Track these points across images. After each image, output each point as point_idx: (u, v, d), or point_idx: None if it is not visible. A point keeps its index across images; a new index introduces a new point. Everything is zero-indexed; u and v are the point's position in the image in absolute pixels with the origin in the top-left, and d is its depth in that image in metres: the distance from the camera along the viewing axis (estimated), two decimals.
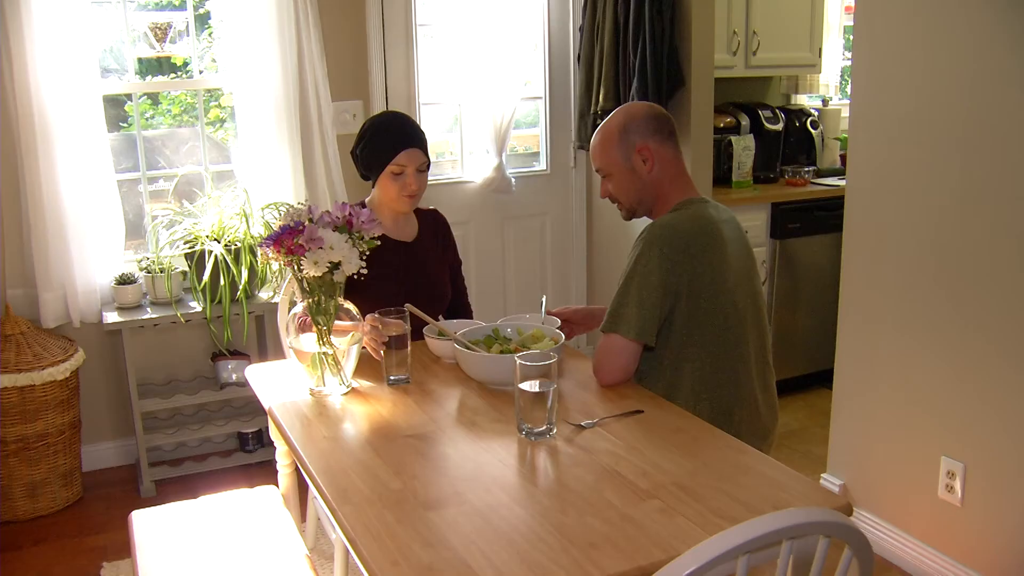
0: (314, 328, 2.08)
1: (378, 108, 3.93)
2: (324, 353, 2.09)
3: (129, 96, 3.70)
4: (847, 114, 3.04)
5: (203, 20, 3.77)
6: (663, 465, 1.70)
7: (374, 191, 2.58)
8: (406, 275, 2.55)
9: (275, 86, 3.60)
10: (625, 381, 2.12)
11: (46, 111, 3.29)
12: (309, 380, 2.15)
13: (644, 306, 2.05)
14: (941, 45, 2.58)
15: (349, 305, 2.14)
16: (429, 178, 4.13)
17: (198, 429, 3.63)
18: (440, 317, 2.47)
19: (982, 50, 2.46)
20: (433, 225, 2.72)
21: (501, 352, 2.15)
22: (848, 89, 3.60)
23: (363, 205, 2.08)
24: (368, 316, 2.21)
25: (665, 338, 2.11)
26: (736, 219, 2.26)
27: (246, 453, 3.70)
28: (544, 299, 2.53)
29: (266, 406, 2.13)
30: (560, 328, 2.32)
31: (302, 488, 2.49)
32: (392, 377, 2.18)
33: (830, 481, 3.13)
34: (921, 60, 2.65)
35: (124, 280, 3.47)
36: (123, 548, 2.97)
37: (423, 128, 4.10)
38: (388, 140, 2.49)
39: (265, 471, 3.48)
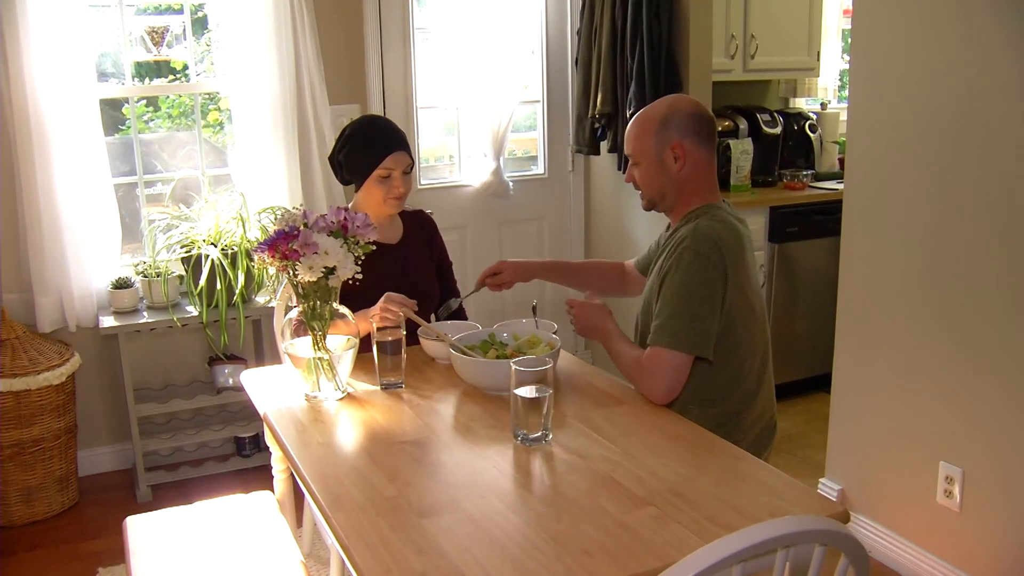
0: (309, 333, 2.08)
1: (375, 111, 3.92)
2: (319, 358, 2.08)
3: (126, 99, 3.70)
4: (845, 117, 3.04)
5: (201, 24, 3.76)
6: (659, 471, 1.69)
7: (357, 196, 2.58)
8: (393, 277, 2.54)
9: (272, 90, 3.59)
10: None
11: (42, 115, 3.29)
12: (304, 385, 2.14)
13: (703, 320, 2.02)
14: (939, 48, 2.57)
15: (344, 310, 2.13)
16: (427, 182, 4.19)
17: (195, 434, 3.62)
18: (432, 317, 2.47)
19: (981, 53, 2.45)
20: (418, 226, 2.72)
21: (497, 357, 2.15)
22: (846, 92, 3.60)
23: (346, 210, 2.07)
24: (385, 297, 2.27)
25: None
26: (745, 220, 2.26)
27: (243, 458, 3.69)
28: (535, 304, 2.52)
29: (261, 411, 2.12)
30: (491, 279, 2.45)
31: (298, 493, 2.48)
32: (385, 382, 2.17)
33: (828, 486, 3.12)
34: (919, 63, 2.64)
35: (120, 284, 3.46)
36: (119, 553, 2.95)
37: (420, 132, 4.15)
38: (373, 145, 2.49)
39: (262, 475, 3.47)
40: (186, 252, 3.40)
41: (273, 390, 2.22)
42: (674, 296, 2.05)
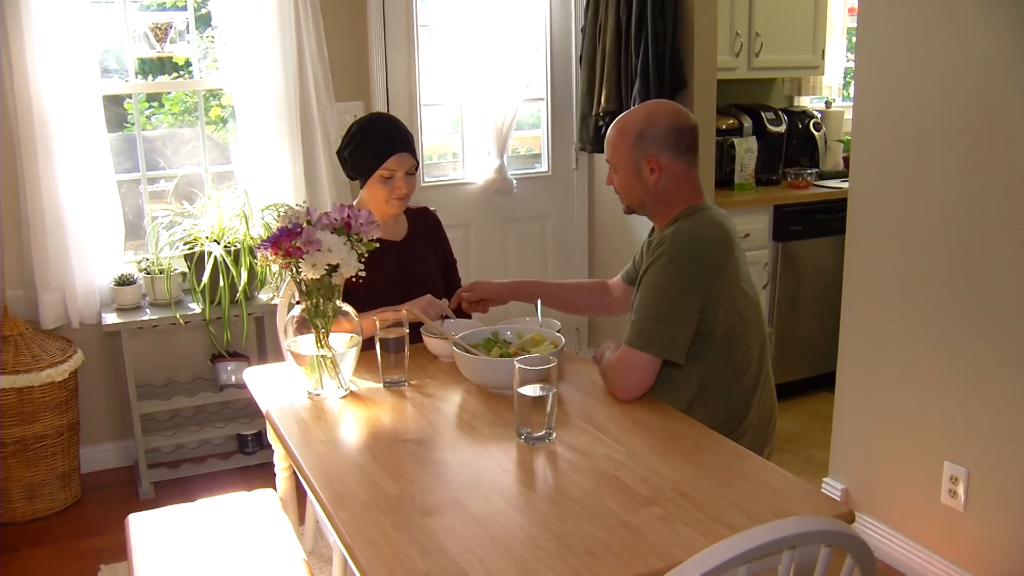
0: (312, 330, 2.07)
1: (379, 109, 3.91)
2: (322, 356, 2.08)
3: (129, 96, 3.69)
4: (850, 116, 3.02)
5: (204, 20, 3.76)
6: (663, 471, 1.68)
7: (362, 193, 2.57)
8: (398, 275, 2.54)
9: (275, 87, 3.58)
10: (643, 394, 2.08)
11: (46, 111, 3.28)
12: (307, 383, 2.13)
13: (671, 323, 2.01)
14: (945, 46, 2.56)
15: (347, 308, 2.12)
16: (431, 179, 4.18)
17: (197, 431, 3.62)
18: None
19: (986, 51, 2.44)
20: (423, 223, 2.71)
21: (501, 356, 2.14)
22: (851, 91, 3.59)
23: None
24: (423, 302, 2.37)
25: (691, 351, 2.07)
26: (733, 221, 2.24)
27: (245, 455, 3.69)
28: (539, 304, 2.51)
29: (264, 409, 2.12)
30: (472, 305, 2.46)
31: (300, 491, 2.47)
32: (389, 379, 2.16)
33: (832, 486, 3.11)
34: (925, 61, 2.63)
35: (123, 281, 3.46)
36: (121, 551, 2.95)
37: (423, 130, 4.14)
38: (376, 145, 2.48)
39: (264, 473, 3.47)
40: (189, 249, 3.40)
41: (276, 388, 2.21)
42: (648, 298, 2.05)
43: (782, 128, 4.56)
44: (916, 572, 2.80)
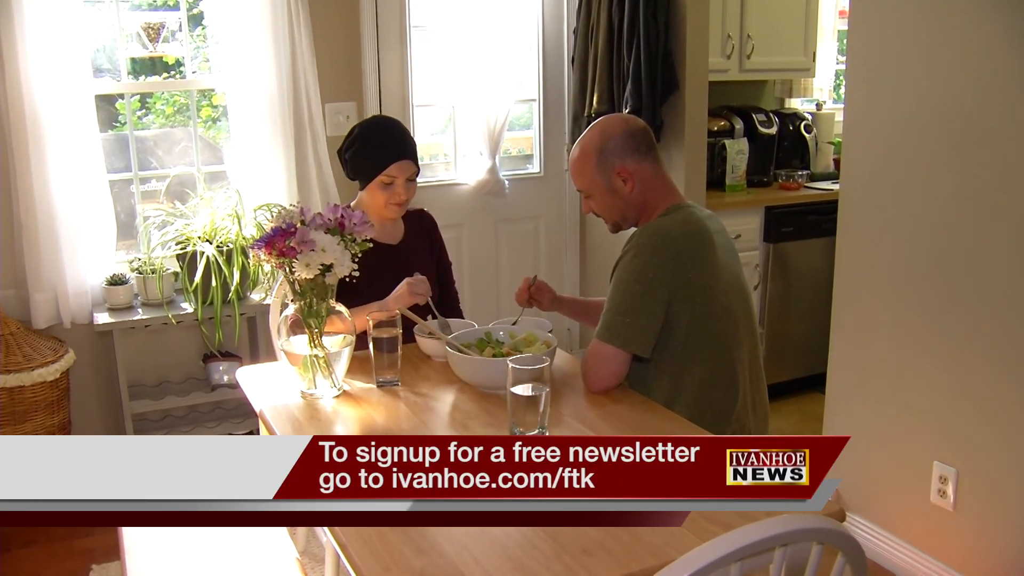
0: (306, 330, 2.07)
1: (372, 110, 3.92)
2: (315, 356, 2.08)
3: (121, 95, 3.69)
4: (841, 118, 3.04)
5: (196, 20, 3.75)
6: None
7: (361, 195, 2.57)
8: (393, 277, 2.53)
9: (268, 87, 3.58)
10: (615, 386, 2.11)
11: (38, 111, 3.27)
12: (300, 382, 2.13)
13: (636, 316, 2.04)
14: (936, 49, 2.58)
15: (340, 307, 2.13)
16: (423, 180, 4.18)
17: (189, 431, 3.61)
18: (429, 316, 2.46)
19: (977, 54, 2.46)
20: (419, 226, 2.71)
21: (494, 355, 2.15)
22: (842, 93, 3.61)
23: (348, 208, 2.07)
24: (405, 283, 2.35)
25: (664, 346, 2.09)
26: (721, 222, 2.25)
27: None
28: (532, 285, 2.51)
29: (257, 408, 2.12)
30: (533, 295, 2.44)
31: None
32: (382, 379, 2.17)
33: None
34: (916, 64, 2.65)
35: (115, 281, 3.45)
36: (112, 550, 2.94)
37: (416, 131, 4.14)
38: (379, 151, 2.47)
39: None
40: (181, 249, 3.40)
41: (269, 387, 2.21)
42: (615, 291, 2.09)
43: (773, 130, 4.58)
44: (906, 571, 2.81)
